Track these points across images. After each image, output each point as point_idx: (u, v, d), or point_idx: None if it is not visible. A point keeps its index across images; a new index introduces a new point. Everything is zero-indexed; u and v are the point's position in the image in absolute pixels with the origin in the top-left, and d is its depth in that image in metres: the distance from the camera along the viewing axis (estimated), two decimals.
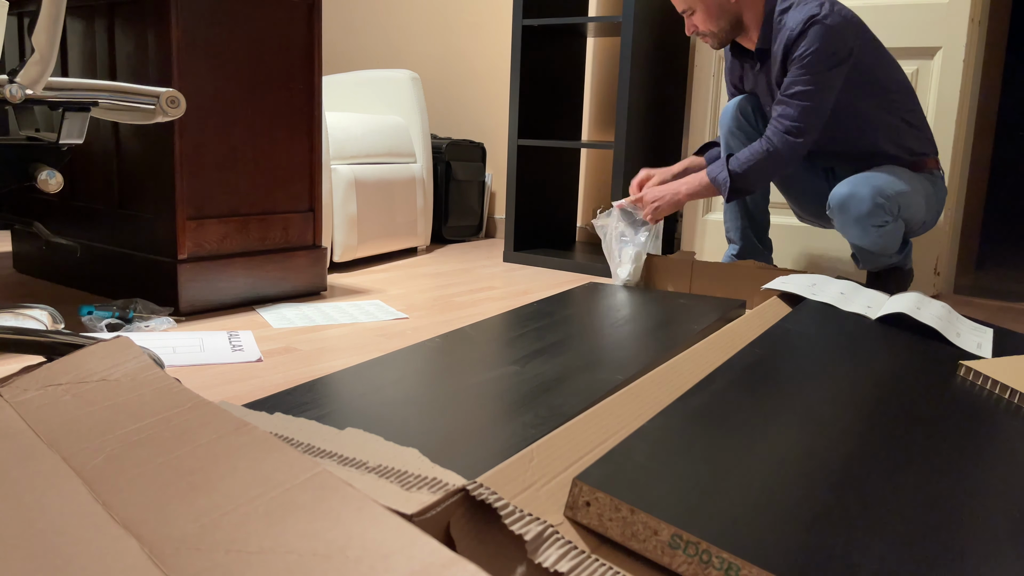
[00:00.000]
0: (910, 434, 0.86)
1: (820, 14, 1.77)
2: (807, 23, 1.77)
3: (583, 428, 0.78)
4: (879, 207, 1.77)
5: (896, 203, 1.78)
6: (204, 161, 1.75)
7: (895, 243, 1.85)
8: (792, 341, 1.18)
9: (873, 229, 1.80)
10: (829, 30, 1.76)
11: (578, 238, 3.14)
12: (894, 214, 1.79)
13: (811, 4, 1.80)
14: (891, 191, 1.77)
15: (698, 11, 1.90)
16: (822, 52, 1.77)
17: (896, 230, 1.82)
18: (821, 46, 1.77)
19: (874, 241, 1.82)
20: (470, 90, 3.31)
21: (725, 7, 1.89)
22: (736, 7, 1.88)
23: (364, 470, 0.62)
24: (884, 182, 1.78)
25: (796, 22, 1.79)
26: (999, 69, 2.95)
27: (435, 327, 1.70)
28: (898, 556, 0.60)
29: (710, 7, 1.89)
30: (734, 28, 1.92)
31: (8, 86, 1.07)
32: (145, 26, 1.70)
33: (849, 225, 1.82)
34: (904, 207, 1.81)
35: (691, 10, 1.91)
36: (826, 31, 1.76)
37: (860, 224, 1.80)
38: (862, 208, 1.78)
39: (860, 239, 1.83)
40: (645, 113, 2.50)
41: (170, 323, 1.63)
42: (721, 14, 1.89)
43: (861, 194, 1.78)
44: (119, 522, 0.52)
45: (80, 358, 0.85)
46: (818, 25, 1.76)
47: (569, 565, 0.54)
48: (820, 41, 1.76)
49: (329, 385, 1.02)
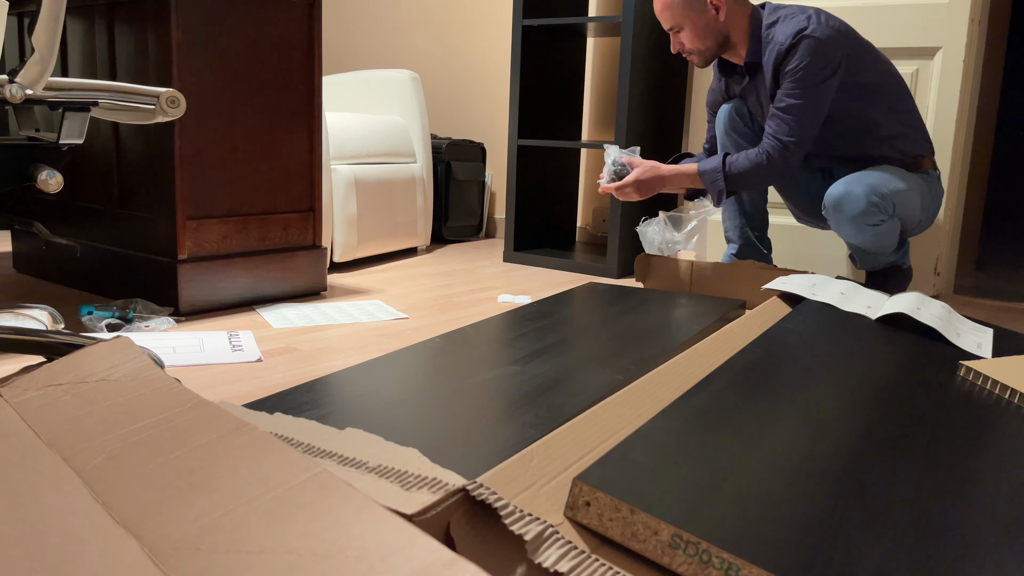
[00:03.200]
0: (910, 434, 0.86)
1: (808, 28, 1.77)
2: (796, 37, 1.77)
3: (583, 428, 0.78)
4: (874, 206, 1.77)
5: (891, 202, 1.79)
6: (204, 161, 1.75)
7: (891, 242, 1.85)
8: (792, 341, 1.18)
9: (868, 228, 1.80)
10: (818, 44, 1.76)
11: (578, 238, 3.14)
12: (889, 213, 1.79)
13: (798, 17, 1.80)
14: (886, 190, 1.78)
15: (686, 29, 1.90)
16: (813, 66, 1.78)
17: (891, 229, 1.82)
18: (811, 60, 1.77)
19: (869, 240, 1.82)
20: (470, 90, 3.31)
21: (713, 26, 1.89)
22: (723, 25, 1.89)
23: (364, 470, 0.62)
24: (879, 181, 1.79)
25: (785, 36, 1.79)
26: (999, 69, 2.95)
27: (435, 327, 1.70)
28: (898, 556, 0.60)
29: (698, 26, 1.89)
30: (721, 46, 1.92)
31: (8, 86, 1.07)
32: (145, 26, 1.70)
33: (844, 224, 1.82)
34: (899, 206, 1.81)
35: (678, 28, 1.91)
36: (815, 45, 1.76)
37: (855, 223, 1.80)
38: (857, 207, 1.78)
39: (855, 238, 1.83)
40: (645, 113, 2.50)
41: (170, 323, 1.63)
42: (708, 33, 1.89)
43: (855, 193, 1.78)
44: (119, 522, 0.52)
45: (80, 358, 0.85)
46: (807, 39, 1.76)
47: (569, 565, 0.54)
48: (810, 56, 1.77)
49: (329, 385, 1.02)
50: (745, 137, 2.02)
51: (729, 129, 2.03)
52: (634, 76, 2.40)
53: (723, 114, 2.05)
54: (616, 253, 2.47)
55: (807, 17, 1.79)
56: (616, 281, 2.43)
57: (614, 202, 2.46)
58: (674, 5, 1.89)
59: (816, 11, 1.81)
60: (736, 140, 2.02)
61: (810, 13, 1.80)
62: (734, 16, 1.88)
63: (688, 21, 1.88)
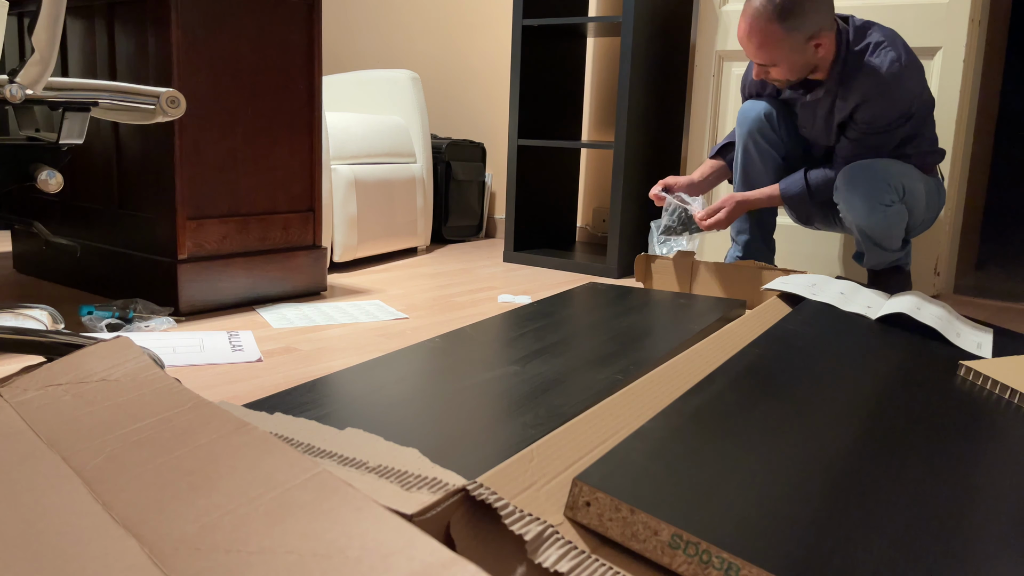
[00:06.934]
0: (910, 434, 0.86)
1: (900, 72, 1.75)
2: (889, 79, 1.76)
3: (583, 428, 0.78)
4: (886, 183, 1.78)
5: (901, 184, 1.80)
6: (204, 161, 1.75)
7: (898, 230, 1.85)
8: (792, 341, 1.18)
9: (879, 208, 1.80)
10: (904, 90, 1.78)
11: (578, 238, 3.14)
12: (900, 195, 1.81)
13: (888, 52, 1.77)
14: (896, 171, 1.81)
15: (780, 66, 1.82)
16: (895, 111, 1.80)
17: (900, 214, 1.82)
18: (897, 105, 1.79)
19: (879, 222, 1.82)
20: (470, 90, 3.31)
21: (811, 62, 1.82)
22: (815, 57, 1.81)
23: (364, 470, 0.62)
24: (891, 165, 1.82)
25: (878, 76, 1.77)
26: (999, 69, 2.95)
27: (435, 327, 1.70)
28: (898, 556, 0.60)
29: (795, 64, 1.81)
30: (808, 74, 1.87)
31: (8, 86, 1.07)
32: (145, 26, 1.70)
33: (855, 201, 1.81)
34: (908, 192, 1.82)
35: (773, 64, 1.82)
36: (901, 91, 1.77)
37: (867, 201, 1.79)
38: (870, 185, 1.78)
39: (865, 218, 1.82)
40: (645, 113, 2.50)
41: (170, 323, 1.63)
42: (804, 67, 1.83)
43: (869, 171, 1.80)
44: (119, 522, 0.52)
45: (80, 358, 0.85)
46: (898, 84, 1.76)
47: (569, 565, 0.54)
48: (897, 100, 1.78)
49: (329, 385, 1.02)
50: (771, 143, 2.00)
51: (754, 130, 2.00)
52: (634, 76, 2.40)
53: (750, 114, 2.01)
54: (616, 253, 2.47)
55: (897, 55, 1.76)
56: (616, 281, 2.43)
57: (614, 203, 2.46)
58: (772, 46, 1.78)
59: (903, 43, 1.80)
60: (761, 143, 2.00)
61: (900, 49, 1.77)
62: (831, 46, 1.82)
63: (785, 59, 1.81)
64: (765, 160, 2.01)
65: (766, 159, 2.01)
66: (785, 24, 1.75)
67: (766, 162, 2.01)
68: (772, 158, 2.01)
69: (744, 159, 2.04)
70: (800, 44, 1.78)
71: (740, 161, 2.05)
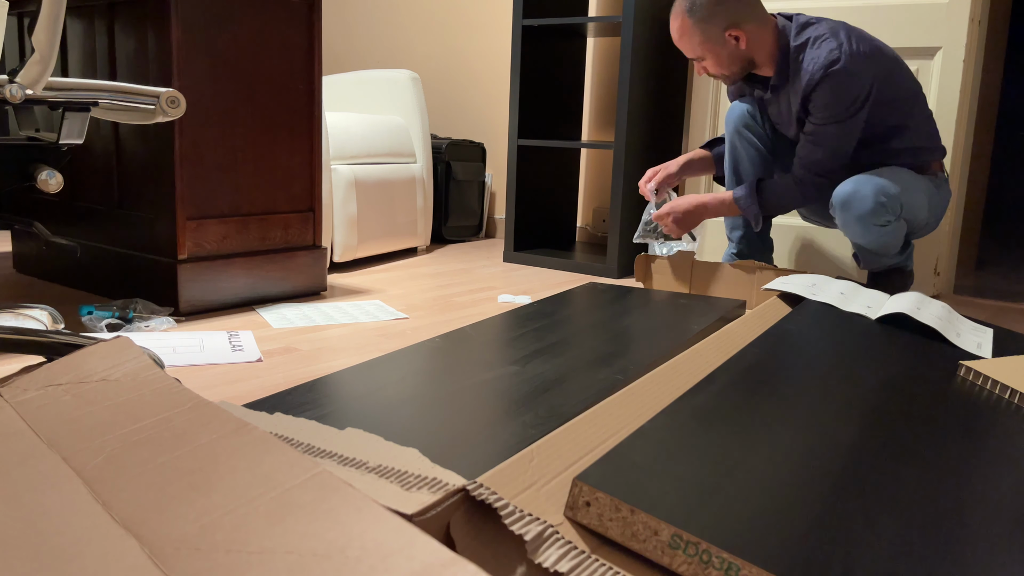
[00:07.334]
0: (910, 434, 0.86)
1: (840, 60, 1.74)
2: (827, 69, 1.75)
3: (583, 428, 0.78)
4: (881, 206, 1.77)
5: (898, 202, 1.79)
6: (204, 161, 1.75)
7: (896, 243, 1.85)
8: (792, 341, 1.18)
9: (875, 228, 1.80)
10: (851, 79, 1.75)
11: (578, 238, 3.14)
12: (896, 213, 1.79)
13: (829, 43, 1.76)
14: (894, 190, 1.78)
15: (708, 59, 1.87)
16: (844, 101, 1.77)
17: (898, 230, 1.82)
18: (843, 95, 1.76)
19: (876, 240, 1.82)
20: (470, 90, 3.31)
21: (736, 54, 1.85)
22: (746, 52, 1.85)
23: (364, 470, 0.62)
24: (887, 181, 1.79)
25: (816, 67, 1.76)
26: (999, 69, 2.95)
27: (435, 327, 1.70)
28: (898, 556, 0.60)
29: (720, 56, 1.86)
30: (745, 68, 1.89)
31: (8, 86, 1.07)
32: (145, 26, 1.70)
33: (851, 223, 1.82)
34: (907, 207, 1.81)
35: (700, 58, 1.88)
36: (847, 81, 1.75)
37: (862, 222, 1.80)
38: (865, 206, 1.78)
39: (862, 237, 1.83)
40: (645, 113, 2.50)
41: (170, 323, 1.63)
42: (732, 60, 1.86)
43: (864, 192, 1.78)
44: (119, 522, 0.52)
45: (80, 358, 0.85)
46: (839, 74, 1.74)
47: (569, 565, 0.54)
48: (842, 91, 1.76)
49: (329, 385, 1.02)
50: (758, 136, 2.02)
51: (741, 127, 2.02)
52: (634, 76, 2.40)
53: (734, 112, 2.04)
54: (616, 253, 2.47)
55: (838, 45, 1.75)
56: (616, 281, 2.43)
57: (614, 203, 2.46)
58: (691, 37, 1.85)
59: (846, 32, 1.78)
60: (747, 138, 2.02)
61: (841, 38, 1.76)
62: (757, 40, 1.84)
63: (709, 52, 1.85)
64: (751, 154, 2.03)
65: (752, 153, 2.03)
66: (694, 17, 1.82)
67: (752, 156, 2.03)
68: (759, 151, 2.03)
69: (732, 155, 2.06)
70: (716, 36, 1.83)
71: (729, 159, 2.07)
